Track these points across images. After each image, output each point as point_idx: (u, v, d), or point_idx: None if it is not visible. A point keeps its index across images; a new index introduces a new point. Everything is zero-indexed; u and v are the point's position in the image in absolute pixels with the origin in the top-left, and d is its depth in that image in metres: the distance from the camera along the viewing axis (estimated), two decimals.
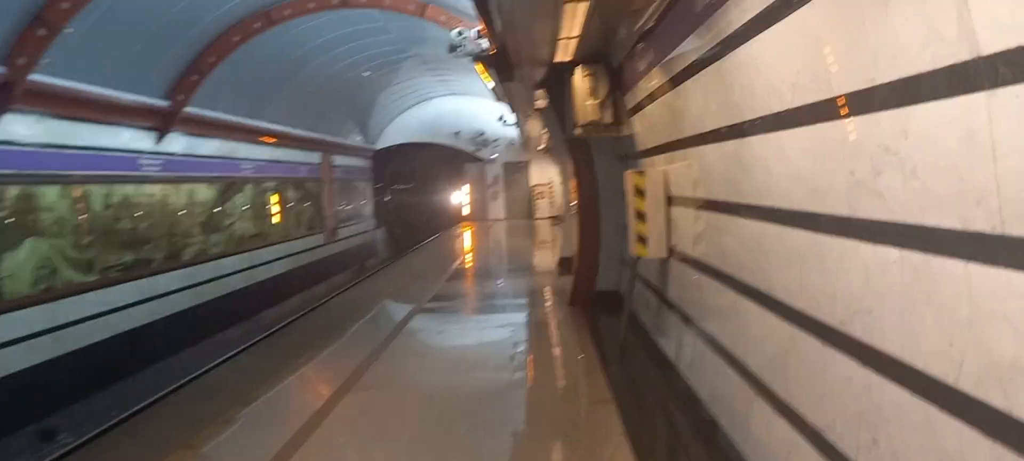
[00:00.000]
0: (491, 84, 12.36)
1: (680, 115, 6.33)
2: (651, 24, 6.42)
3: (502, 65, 9.72)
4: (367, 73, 22.53)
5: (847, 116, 3.05)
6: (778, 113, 3.83)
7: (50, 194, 11.37)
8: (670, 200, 7.00)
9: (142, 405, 8.67)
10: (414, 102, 32.29)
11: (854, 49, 2.90)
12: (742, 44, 4.21)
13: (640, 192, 7.13)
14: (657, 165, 7.53)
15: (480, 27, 10.79)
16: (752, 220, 4.48)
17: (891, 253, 2.78)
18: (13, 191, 10.50)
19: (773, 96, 3.87)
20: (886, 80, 2.64)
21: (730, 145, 4.82)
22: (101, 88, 12.35)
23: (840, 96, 3.09)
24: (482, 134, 32.36)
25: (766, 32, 3.82)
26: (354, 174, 29.38)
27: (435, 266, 18.67)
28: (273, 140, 20.91)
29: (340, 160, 27.10)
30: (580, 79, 8.81)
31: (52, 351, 11.04)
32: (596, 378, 6.89)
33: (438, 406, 6.33)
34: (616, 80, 8.77)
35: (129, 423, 7.84)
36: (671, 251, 7.02)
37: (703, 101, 5.46)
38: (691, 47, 5.39)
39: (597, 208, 10.36)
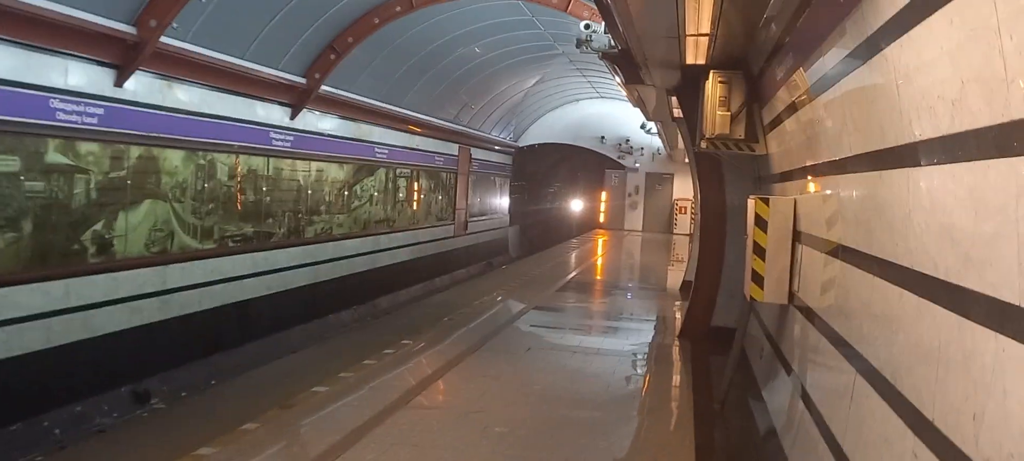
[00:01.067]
0: (619, 83, 11.40)
1: (816, 135, 5.17)
2: (791, 19, 5.29)
3: (626, 64, 8.76)
4: (479, 49, 21.67)
5: None
6: (927, 141, 2.72)
7: (174, 158, 11.56)
8: (798, 237, 5.82)
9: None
10: (561, 103, 31.63)
11: None
12: (890, 43, 3.11)
13: (762, 222, 5.99)
14: (788, 193, 6.35)
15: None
16: (882, 279, 3.35)
17: None
18: (135, 152, 10.70)
19: (923, 115, 2.76)
20: None
21: (866, 178, 3.70)
22: (235, 58, 12.48)
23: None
24: (627, 141, 31.22)
25: (921, 25, 2.72)
26: (492, 169, 29.11)
27: (555, 272, 17.91)
28: (410, 127, 20.88)
29: (479, 154, 26.87)
30: (712, 86, 7.70)
31: (157, 314, 11.20)
32: (685, 438, 5.84)
33: (486, 444, 5.50)
34: (754, 90, 7.60)
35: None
36: (792, 297, 5.84)
37: (841, 118, 4.32)
38: (832, 48, 4.26)
39: (722, 234, 9.18)
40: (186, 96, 11.67)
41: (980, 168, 2.24)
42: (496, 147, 28.92)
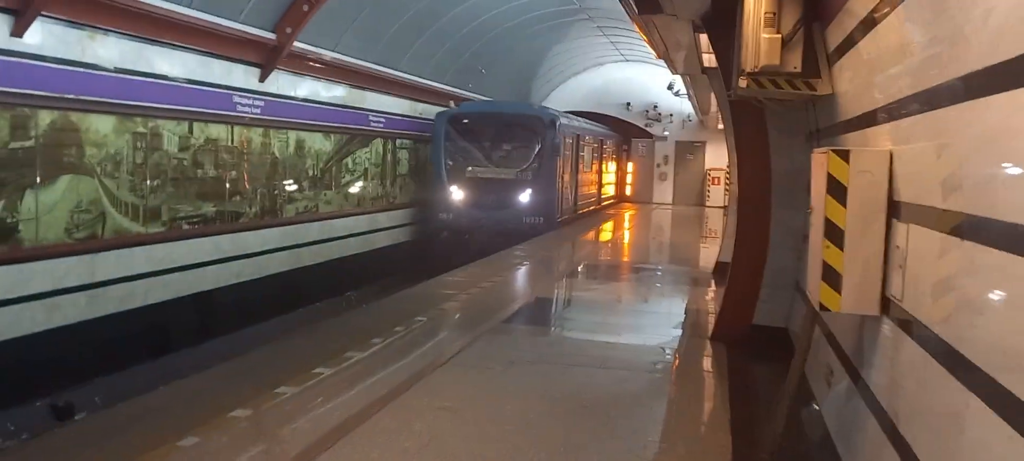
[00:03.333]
0: (632, 18, 9.29)
1: (923, 44, 3.06)
2: None
3: None
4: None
5: None
6: None
7: (102, 125, 9.70)
8: (895, 209, 3.71)
9: None
10: (584, 67, 29.52)
11: None
12: None
13: (837, 189, 3.88)
14: (874, 143, 4.23)
15: None
16: None
17: None
18: (45, 117, 8.84)
19: None
20: None
21: None
22: (184, 8, 10.59)
23: None
24: (655, 107, 29.01)
25: None
26: None
27: (571, 252, 15.88)
28: (412, 93, 18.89)
29: None
30: (754, 2, 5.55)
31: (83, 313, 9.41)
32: None
33: None
34: (812, 5, 5.44)
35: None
36: (886, 305, 3.73)
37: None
38: None
39: (765, 206, 7.06)
40: (112, 51, 9.77)
41: None
42: None
